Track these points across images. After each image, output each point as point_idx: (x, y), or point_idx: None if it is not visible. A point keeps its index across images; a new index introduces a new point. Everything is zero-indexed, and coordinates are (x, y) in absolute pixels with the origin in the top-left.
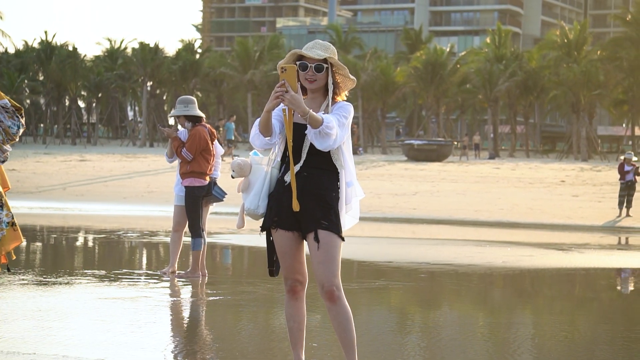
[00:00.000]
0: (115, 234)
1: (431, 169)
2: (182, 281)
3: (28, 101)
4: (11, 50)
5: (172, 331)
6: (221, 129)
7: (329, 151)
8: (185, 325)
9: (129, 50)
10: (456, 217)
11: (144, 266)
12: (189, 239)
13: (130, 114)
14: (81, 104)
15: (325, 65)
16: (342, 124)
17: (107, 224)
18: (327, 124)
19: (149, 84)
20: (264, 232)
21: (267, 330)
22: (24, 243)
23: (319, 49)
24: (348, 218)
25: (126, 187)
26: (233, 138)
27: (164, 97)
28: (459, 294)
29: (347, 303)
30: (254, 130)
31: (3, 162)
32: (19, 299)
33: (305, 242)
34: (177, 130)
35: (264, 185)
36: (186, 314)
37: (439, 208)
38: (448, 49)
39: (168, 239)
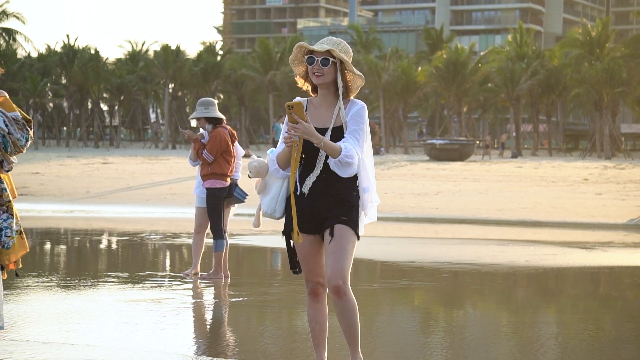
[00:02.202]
0: (138, 236)
1: (453, 168)
2: (205, 283)
3: (51, 104)
4: (34, 55)
5: (195, 332)
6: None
7: None
8: (209, 327)
9: (150, 53)
10: (479, 216)
11: (167, 268)
12: (212, 240)
13: (152, 116)
14: (103, 106)
15: (331, 59)
16: (360, 140)
17: (130, 226)
18: (347, 153)
19: (171, 86)
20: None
21: (289, 331)
22: (48, 245)
23: (326, 43)
24: (365, 220)
25: (148, 190)
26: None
27: (186, 99)
28: (482, 293)
29: (353, 297)
30: (272, 165)
31: (8, 171)
32: (43, 301)
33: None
34: (199, 132)
35: (282, 189)
36: (209, 315)
37: (461, 207)
38: (469, 48)
39: (190, 241)
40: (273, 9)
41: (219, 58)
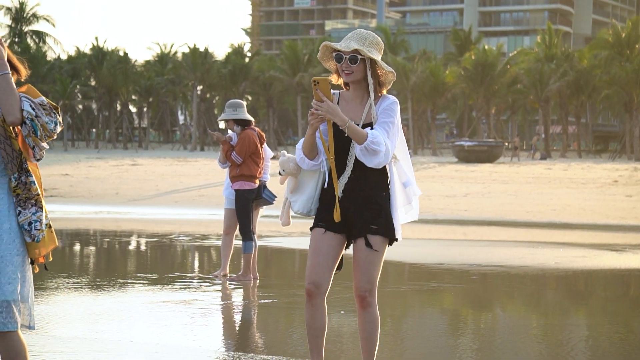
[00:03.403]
0: (167, 238)
1: (482, 170)
2: (234, 284)
3: (80, 106)
4: (63, 57)
5: (224, 334)
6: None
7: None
8: (237, 328)
9: (179, 55)
10: (507, 218)
11: (196, 269)
12: (240, 242)
13: (181, 118)
14: (132, 108)
15: (359, 56)
16: (390, 133)
17: (159, 228)
18: (373, 139)
19: (199, 88)
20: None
21: None
22: (78, 247)
23: (354, 39)
24: (404, 217)
25: (177, 191)
26: None
27: (214, 101)
28: (511, 295)
29: (377, 311)
30: (299, 153)
31: (39, 160)
32: (73, 302)
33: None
34: (227, 134)
35: (317, 188)
36: (238, 317)
37: (490, 209)
38: (498, 50)
39: (219, 243)
40: (301, 10)
41: (247, 60)
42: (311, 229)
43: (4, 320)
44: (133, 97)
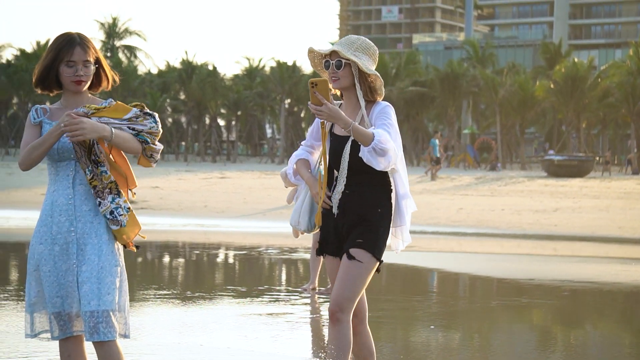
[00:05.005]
0: (256, 251)
1: (572, 185)
2: (323, 298)
3: (170, 120)
4: (154, 71)
5: (312, 347)
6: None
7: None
8: (325, 342)
9: (267, 69)
10: (599, 234)
11: (284, 283)
12: None
13: (269, 131)
14: (221, 122)
15: (344, 61)
16: (393, 135)
17: (247, 241)
18: (379, 138)
19: (287, 101)
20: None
21: (406, 347)
22: (167, 259)
23: (339, 43)
24: (405, 235)
25: (265, 204)
26: (439, 155)
27: (302, 115)
28: (603, 313)
29: (347, 330)
30: (290, 166)
31: (156, 161)
32: (163, 313)
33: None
34: None
35: (305, 200)
36: (326, 330)
37: (580, 225)
38: (588, 63)
39: (308, 256)
40: (388, 24)
41: None
42: (317, 253)
43: (103, 330)
44: (222, 110)
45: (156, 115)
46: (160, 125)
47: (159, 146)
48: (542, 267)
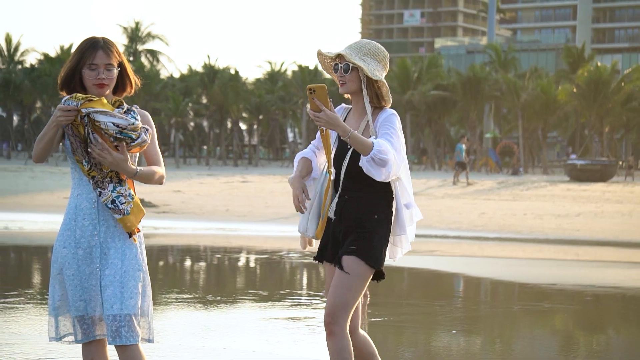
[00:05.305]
0: (277, 255)
1: (595, 189)
2: None
3: (192, 124)
4: (176, 75)
5: None
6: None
7: None
8: None
9: (289, 73)
10: (622, 238)
11: (305, 287)
12: None
13: (290, 135)
14: (243, 126)
15: (352, 65)
16: (394, 144)
17: (269, 245)
18: (379, 148)
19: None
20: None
21: (428, 352)
22: (189, 262)
23: (349, 47)
24: (404, 244)
25: (287, 209)
26: (464, 160)
27: None
28: (627, 318)
29: (344, 341)
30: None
31: (142, 142)
32: (185, 317)
33: None
34: None
35: (313, 205)
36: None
37: (603, 229)
38: (612, 67)
39: None
40: (410, 28)
41: None
42: (314, 258)
43: (126, 334)
44: (243, 114)
45: (135, 109)
46: (139, 119)
47: (143, 137)
48: (564, 272)
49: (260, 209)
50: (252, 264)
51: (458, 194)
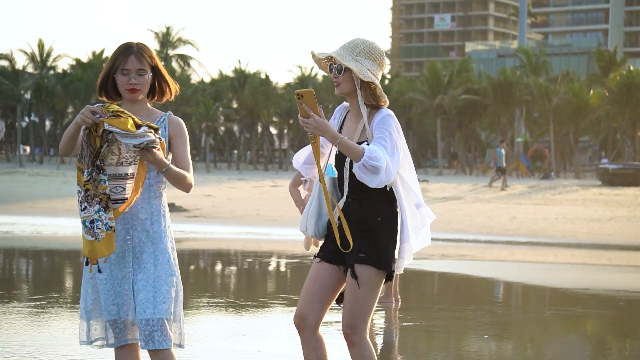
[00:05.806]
0: (308, 259)
1: (627, 194)
2: (376, 306)
3: (222, 128)
4: (207, 80)
5: None
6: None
7: None
8: (379, 350)
9: (319, 77)
10: None
11: None
12: None
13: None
14: (273, 130)
15: (344, 66)
16: (388, 148)
17: (300, 249)
18: (370, 154)
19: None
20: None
21: (459, 356)
22: (219, 267)
23: (342, 47)
24: (417, 243)
25: None
26: (504, 165)
27: None
28: None
29: (367, 350)
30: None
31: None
32: (216, 321)
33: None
34: None
35: (312, 204)
36: (379, 339)
37: (636, 234)
38: None
39: None
40: (441, 32)
41: (387, 82)
42: (314, 257)
43: (158, 338)
44: (274, 119)
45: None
46: (157, 134)
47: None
48: (596, 277)
49: (291, 213)
50: (282, 268)
51: (489, 198)
